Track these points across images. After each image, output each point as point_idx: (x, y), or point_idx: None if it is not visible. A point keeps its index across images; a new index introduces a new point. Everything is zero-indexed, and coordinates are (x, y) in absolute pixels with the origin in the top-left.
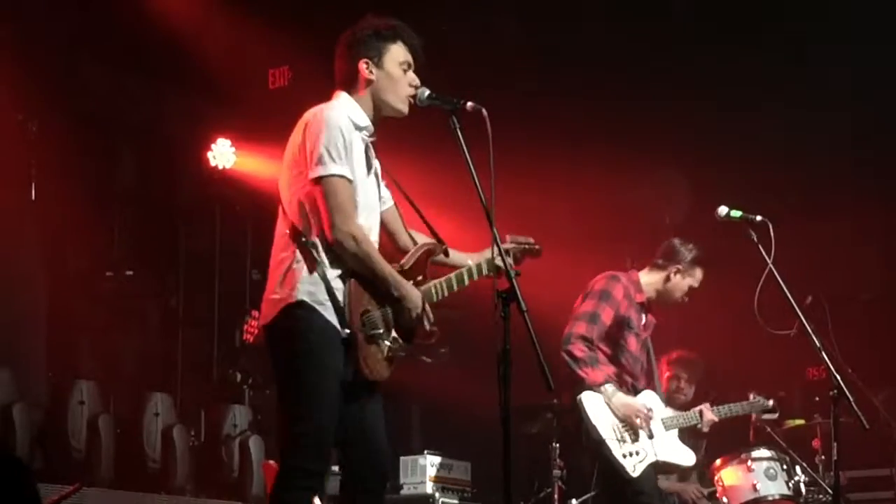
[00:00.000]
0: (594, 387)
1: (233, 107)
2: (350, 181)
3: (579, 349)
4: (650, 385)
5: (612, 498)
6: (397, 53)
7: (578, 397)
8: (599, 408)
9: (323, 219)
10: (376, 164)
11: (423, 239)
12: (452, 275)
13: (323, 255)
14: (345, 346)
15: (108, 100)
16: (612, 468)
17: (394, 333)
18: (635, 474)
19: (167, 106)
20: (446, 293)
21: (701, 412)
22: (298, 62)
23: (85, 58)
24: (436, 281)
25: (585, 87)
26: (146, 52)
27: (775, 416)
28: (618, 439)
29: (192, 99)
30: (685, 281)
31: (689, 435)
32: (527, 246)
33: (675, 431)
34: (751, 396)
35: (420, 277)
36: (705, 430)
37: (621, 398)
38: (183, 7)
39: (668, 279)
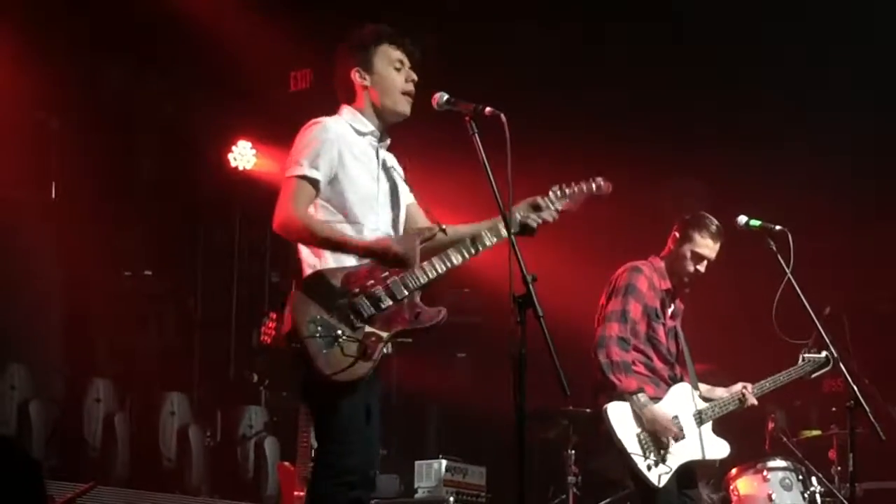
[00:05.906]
0: (626, 394)
1: (254, 108)
2: (316, 181)
3: (616, 352)
4: (684, 375)
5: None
6: (386, 54)
7: (604, 407)
8: (625, 419)
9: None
10: (393, 166)
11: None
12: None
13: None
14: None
15: (129, 99)
16: (638, 478)
17: (363, 326)
18: (661, 484)
19: (188, 106)
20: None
21: (742, 395)
22: (320, 65)
23: (106, 56)
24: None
25: (605, 95)
26: (168, 51)
27: (829, 367)
28: (642, 451)
29: (214, 100)
30: (684, 247)
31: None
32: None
33: (710, 424)
34: (801, 358)
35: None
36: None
37: (652, 410)
38: (206, 7)
39: (671, 253)
